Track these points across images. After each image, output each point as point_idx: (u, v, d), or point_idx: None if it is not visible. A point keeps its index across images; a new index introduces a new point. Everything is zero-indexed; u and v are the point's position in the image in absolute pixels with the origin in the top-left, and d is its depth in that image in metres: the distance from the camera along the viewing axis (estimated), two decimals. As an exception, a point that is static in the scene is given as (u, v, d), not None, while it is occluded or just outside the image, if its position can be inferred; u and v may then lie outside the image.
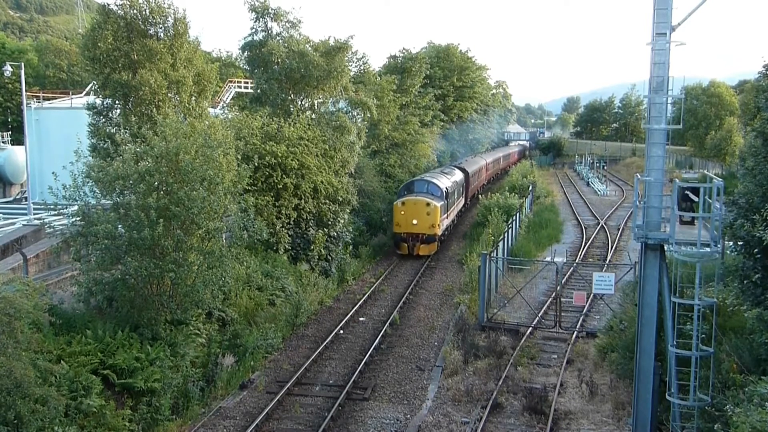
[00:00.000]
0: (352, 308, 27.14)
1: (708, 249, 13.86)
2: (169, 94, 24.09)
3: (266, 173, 27.25)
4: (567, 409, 17.87)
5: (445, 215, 38.99)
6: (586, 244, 38.96)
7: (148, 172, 17.55)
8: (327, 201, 30.57)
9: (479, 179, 59.48)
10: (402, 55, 57.44)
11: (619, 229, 43.35)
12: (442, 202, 37.63)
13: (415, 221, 36.26)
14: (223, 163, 19.37)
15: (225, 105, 42.08)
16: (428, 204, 36.44)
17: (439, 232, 37.37)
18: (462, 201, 48.13)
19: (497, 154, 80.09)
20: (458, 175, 46.66)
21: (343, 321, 25.56)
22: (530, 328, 23.98)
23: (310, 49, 32.53)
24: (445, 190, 38.94)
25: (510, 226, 34.96)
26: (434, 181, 39.36)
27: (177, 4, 32.34)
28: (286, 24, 33.02)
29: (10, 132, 49.53)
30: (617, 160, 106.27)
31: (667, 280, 14.37)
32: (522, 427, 16.99)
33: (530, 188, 52.65)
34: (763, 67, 15.29)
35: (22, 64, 31.94)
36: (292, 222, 28.61)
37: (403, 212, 36.66)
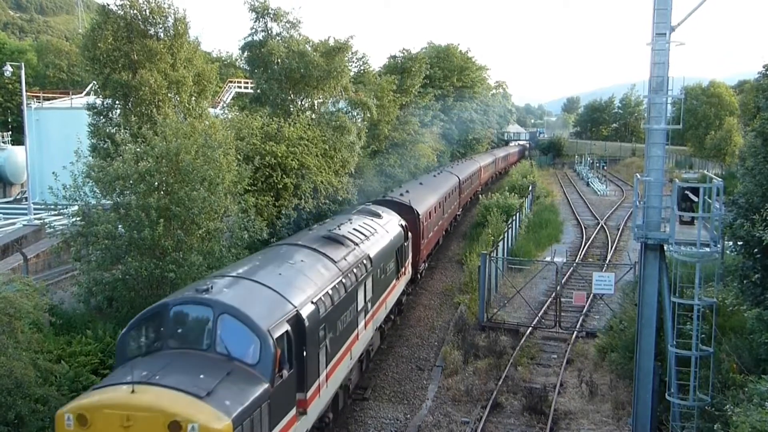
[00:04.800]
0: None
1: (708, 249, 13.87)
2: (169, 94, 24.11)
3: (266, 173, 27.23)
4: (567, 409, 17.88)
5: None
6: (586, 244, 38.96)
7: (149, 172, 17.56)
8: (327, 201, 30.55)
9: (446, 215, 37.37)
10: (402, 55, 57.40)
11: (619, 229, 43.35)
12: (254, 416, 10.13)
13: None
14: (224, 164, 19.39)
15: (225, 105, 42.12)
16: (175, 423, 9.14)
17: None
18: (400, 281, 23.93)
19: (479, 163, 59.51)
20: (388, 235, 22.36)
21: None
22: (530, 328, 23.99)
23: (309, 49, 32.53)
24: (272, 343, 10.98)
25: (510, 226, 34.94)
26: (246, 311, 11.24)
27: (177, 4, 32.42)
28: (286, 24, 33.00)
29: (10, 132, 49.66)
30: (617, 160, 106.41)
31: (667, 280, 14.38)
32: (522, 427, 17.00)
33: (530, 188, 52.68)
34: (763, 67, 15.35)
35: (22, 64, 32.00)
36: (292, 222, 28.62)
37: None
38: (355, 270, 17.08)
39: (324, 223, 21.81)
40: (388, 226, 23.26)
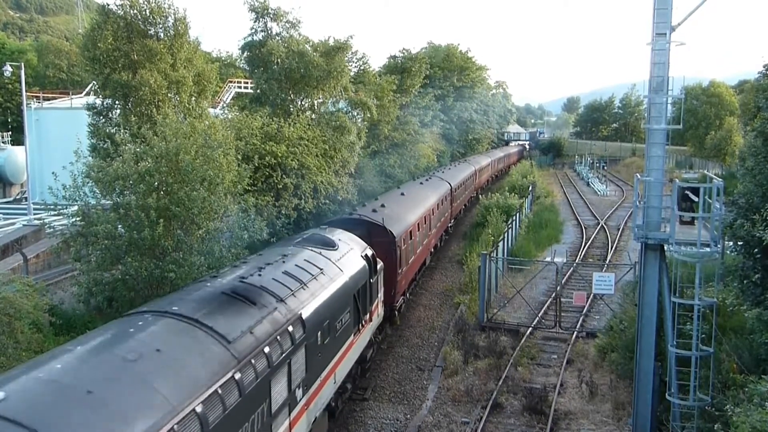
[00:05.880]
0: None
1: (708, 249, 13.86)
2: (169, 95, 24.14)
3: (266, 173, 27.25)
4: (567, 409, 17.87)
5: None
6: (586, 244, 38.95)
7: (148, 173, 17.55)
8: (327, 201, 30.56)
9: (433, 230, 31.87)
10: (402, 55, 57.48)
11: (619, 229, 43.35)
12: None
13: None
14: (224, 164, 19.38)
15: (225, 105, 42.14)
16: None
17: None
18: (362, 334, 18.17)
19: (474, 167, 53.67)
20: (341, 275, 15.87)
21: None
22: (530, 329, 23.97)
23: (309, 49, 32.57)
24: None
25: (510, 226, 34.93)
26: None
27: (177, 4, 32.45)
28: (286, 24, 33.06)
29: (10, 132, 49.68)
30: (617, 161, 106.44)
31: (667, 280, 14.37)
32: (522, 427, 16.98)
33: (530, 188, 52.69)
34: (763, 67, 15.36)
35: (22, 64, 32.01)
36: (292, 222, 28.63)
37: None
38: (268, 349, 10.53)
39: (242, 262, 14.64)
40: (343, 261, 16.70)
